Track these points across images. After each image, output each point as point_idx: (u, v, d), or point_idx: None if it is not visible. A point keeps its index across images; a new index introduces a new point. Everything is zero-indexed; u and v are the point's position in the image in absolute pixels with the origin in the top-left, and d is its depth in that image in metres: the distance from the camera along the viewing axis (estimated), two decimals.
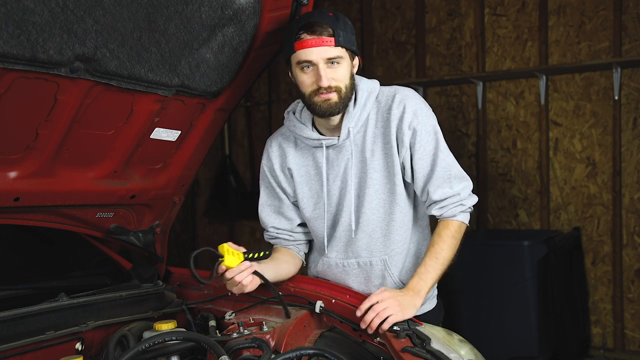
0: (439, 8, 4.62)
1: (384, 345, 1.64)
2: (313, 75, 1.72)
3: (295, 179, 1.93)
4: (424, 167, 1.81)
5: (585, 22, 4.09)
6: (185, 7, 1.64)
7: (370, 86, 1.85)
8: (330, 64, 1.72)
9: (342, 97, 1.75)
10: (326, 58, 1.70)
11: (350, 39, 1.74)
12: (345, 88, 1.75)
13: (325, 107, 1.75)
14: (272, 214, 2.00)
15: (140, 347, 1.50)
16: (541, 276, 3.62)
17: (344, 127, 1.81)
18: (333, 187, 1.88)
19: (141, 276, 2.14)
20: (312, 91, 1.74)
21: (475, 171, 4.51)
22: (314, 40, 1.69)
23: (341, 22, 1.73)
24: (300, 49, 1.70)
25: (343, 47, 1.72)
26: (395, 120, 1.80)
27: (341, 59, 1.72)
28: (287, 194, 1.97)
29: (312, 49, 1.69)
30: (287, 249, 2.01)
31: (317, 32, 1.69)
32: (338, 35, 1.70)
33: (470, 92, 4.52)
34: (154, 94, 1.75)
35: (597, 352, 4.12)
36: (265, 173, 1.98)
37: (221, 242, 1.68)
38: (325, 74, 1.70)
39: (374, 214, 1.86)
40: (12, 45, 1.34)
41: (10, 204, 1.68)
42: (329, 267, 1.96)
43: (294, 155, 1.93)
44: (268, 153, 1.97)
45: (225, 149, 5.57)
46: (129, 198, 1.98)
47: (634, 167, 4.02)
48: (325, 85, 1.71)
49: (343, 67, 1.74)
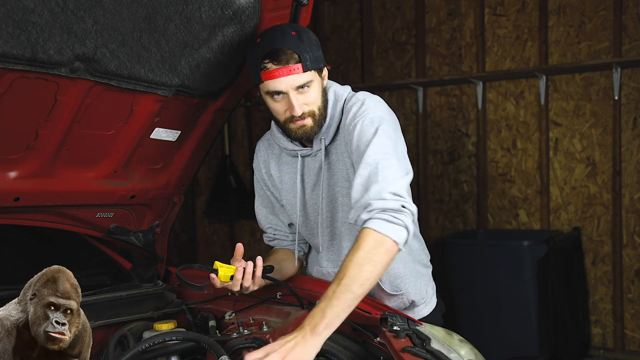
0: (439, 8, 4.62)
1: (384, 345, 1.63)
2: (285, 103, 1.67)
3: (278, 186, 1.93)
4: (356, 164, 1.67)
5: (585, 22, 4.09)
6: (185, 7, 1.64)
7: (339, 94, 1.79)
8: (301, 89, 1.66)
9: (316, 119, 1.71)
10: (296, 86, 1.65)
11: (317, 57, 1.67)
12: (318, 110, 1.71)
13: (301, 133, 1.72)
14: (268, 215, 2.01)
15: (140, 347, 1.50)
16: (541, 276, 3.62)
17: (317, 138, 1.78)
18: (312, 196, 1.87)
19: (141, 276, 2.14)
20: (286, 118, 1.70)
21: (475, 171, 4.51)
22: (281, 70, 1.62)
23: (305, 42, 1.64)
24: (268, 79, 1.64)
25: (311, 69, 1.65)
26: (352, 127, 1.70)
27: (311, 83, 1.67)
28: (275, 197, 1.97)
29: (280, 79, 1.62)
30: (286, 250, 2.01)
31: (283, 61, 1.61)
32: (305, 60, 1.63)
33: (470, 92, 4.52)
34: (154, 94, 1.75)
35: (597, 352, 4.11)
36: (256, 176, 1.99)
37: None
38: (296, 102, 1.65)
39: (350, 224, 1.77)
40: (12, 45, 1.34)
41: (10, 204, 1.68)
42: (322, 276, 1.95)
43: (277, 163, 1.92)
44: (257, 157, 1.97)
45: (225, 149, 5.57)
46: (129, 198, 1.98)
47: (634, 167, 4.01)
48: (299, 113, 1.66)
49: (314, 90, 1.69)
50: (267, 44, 1.64)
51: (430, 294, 1.99)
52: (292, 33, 1.64)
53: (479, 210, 4.49)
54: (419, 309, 1.95)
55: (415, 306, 1.94)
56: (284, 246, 2.01)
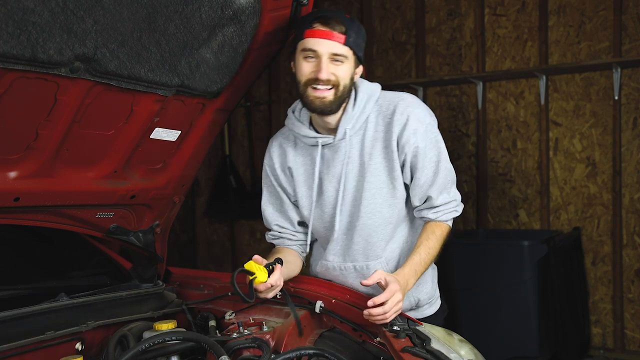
0: (439, 8, 4.62)
1: (384, 345, 1.64)
2: (314, 65, 1.73)
3: (294, 178, 1.94)
4: (427, 175, 1.82)
5: (585, 22, 4.09)
6: (185, 7, 1.64)
7: (371, 89, 1.85)
8: (334, 60, 1.72)
9: (337, 95, 1.75)
10: (331, 53, 1.71)
11: (360, 44, 1.75)
12: (343, 87, 1.75)
13: (317, 104, 1.75)
14: (275, 212, 2.01)
15: (140, 347, 1.50)
16: (541, 276, 3.62)
17: (341, 127, 1.81)
18: (328, 188, 1.88)
19: (141, 276, 2.14)
20: (308, 80, 1.74)
21: (475, 171, 4.51)
22: (325, 32, 1.70)
23: (356, 25, 1.74)
24: (310, 37, 1.71)
25: (351, 48, 1.72)
26: (398, 126, 1.79)
27: (345, 59, 1.73)
28: (287, 194, 1.98)
29: (320, 40, 1.70)
30: (289, 249, 2.00)
31: (330, 25, 1.70)
32: (350, 35, 1.71)
33: (470, 92, 4.52)
34: (154, 94, 1.75)
35: (597, 352, 4.11)
36: (267, 172, 1.99)
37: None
38: (326, 67, 1.71)
39: (371, 218, 1.85)
40: (12, 45, 1.34)
41: (10, 204, 1.68)
42: (327, 269, 1.96)
43: (294, 155, 1.93)
44: (270, 153, 1.99)
45: (225, 149, 5.57)
46: (129, 198, 1.98)
47: (634, 167, 4.01)
48: (324, 78, 1.71)
49: (346, 66, 1.74)
50: (322, 12, 1.76)
51: (436, 295, 2.03)
52: (347, 15, 1.75)
53: (479, 210, 4.49)
54: (423, 309, 1.97)
55: (420, 306, 1.96)
56: (286, 245, 2.01)
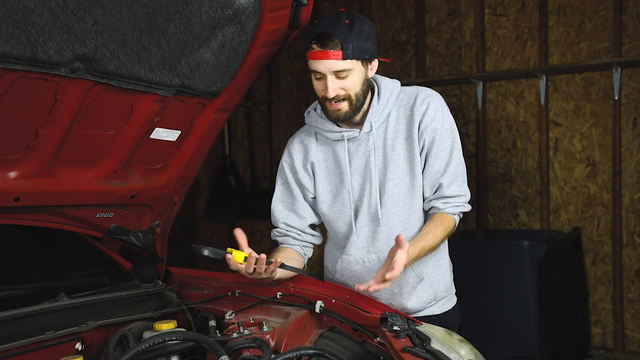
0: (439, 8, 4.62)
1: (384, 345, 1.63)
2: (323, 84, 1.78)
3: (316, 173, 1.97)
4: (441, 162, 1.88)
5: (585, 22, 4.09)
6: (185, 7, 1.64)
7: (392, 85, 1.92)
8: (339, 74, 1.75)
9: (352, 104, 1.81)
10: (333, 70, 1.74)
11: (363, 47, 1.75)
12: (355, 96, 1.80)
13: (334, 116, 1.83)
14: (284, 210, 2.02)
15: (140, 347, 1.50)
16: (541, 276, 3.62)
17: (367, 121, 1.87)
18: (353, 181, 1.92)
19: (141, 276, 2.14)
20: (321, 97, 1.81)
21: (475, 171, 4.51)
22: (322, 53, 1.73)
23: (354, 32, 1.73)
24: (311, 59, 1.76)
25: (352, 59, 1.74)
26: (418, 115, 1.86)
27: (349, 71, 1.75)
28: (304, 191, 2.00)
29: (319, 61, 1.74)
30: (292, 249, 2.00)
31: (326, 45, 1.72)
32: (347, 48, 1.72)
33: (470, 92, 4.52)
34: (154, 94, 1.75)
35: (597, 352, 4.11)
36: (284, 170, 2.02)
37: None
38: (332, 85, 1.75)
39: (394, 208, 1.89)
40: (12, 45, 1.34)
41: (10, 204, 1.68)
42: (348, 264, 1.96)
43: (316, 150, 1.97)
44: (289, 150, 2.02)
45: (225, 149, 5.57)
46: (129, 198, 1.98)
47: (634, 167, 4.02)
48: (331, 96, 1.76)
49: (353, 77, 1.77)
50: (319, 27, 1.75)
51: (453, 288, 2.08)
52: (345, 22, 1.74)
53: (479, 210, 4.49)
54: (442, 302, 2.01)
55: (438, 299, 1.99)
56: (290, 244, 2.01)
